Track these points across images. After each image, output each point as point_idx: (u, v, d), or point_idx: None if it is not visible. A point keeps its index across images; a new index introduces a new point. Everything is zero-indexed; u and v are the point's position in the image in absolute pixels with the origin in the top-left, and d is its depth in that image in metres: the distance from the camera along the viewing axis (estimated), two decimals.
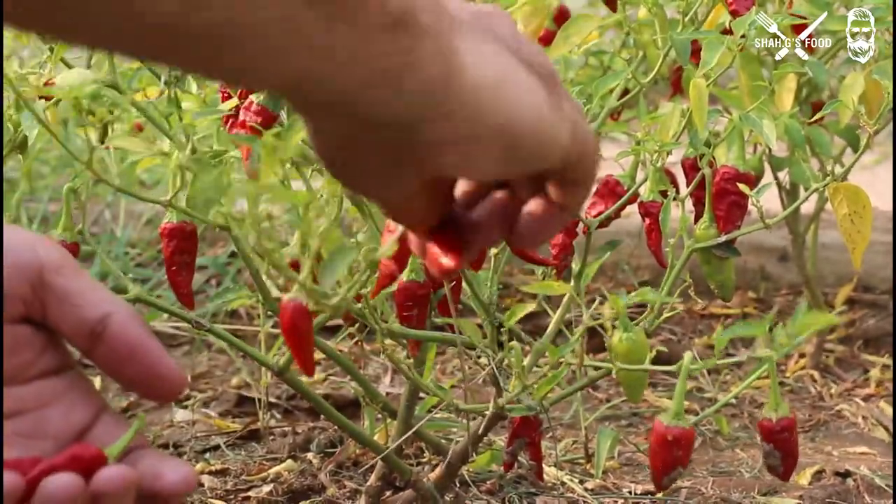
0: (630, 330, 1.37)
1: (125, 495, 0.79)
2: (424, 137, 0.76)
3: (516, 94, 0.77)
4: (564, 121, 0.80)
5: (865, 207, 1.46)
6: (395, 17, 0.71)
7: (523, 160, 0.80)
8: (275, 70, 0.70)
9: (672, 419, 1.34)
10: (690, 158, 1.48)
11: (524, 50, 0.80)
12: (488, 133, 0.76)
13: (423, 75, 0.73)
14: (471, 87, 0.75)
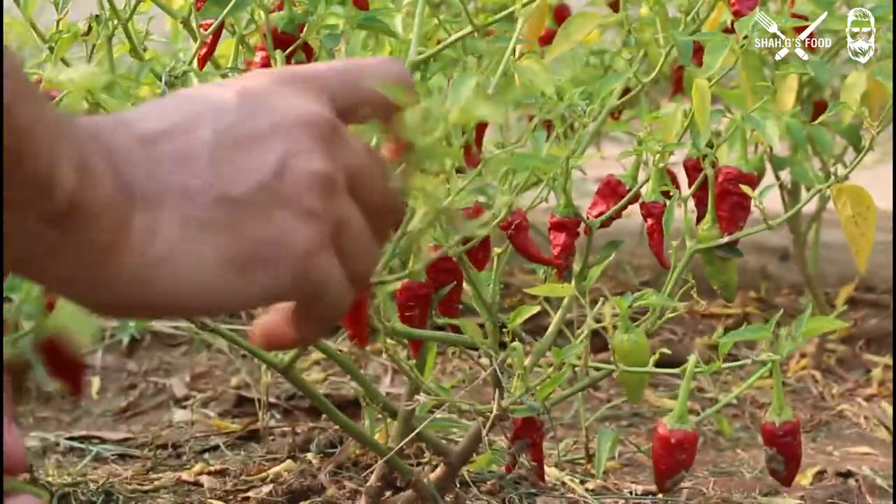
0: (631, 331, 1.37)
1: None
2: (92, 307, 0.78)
3: (187, 269, 0.76)
4: (269, 270, 0.78)
5: (869, 209, 1.45)
6: (60, 212, 0.72)
7: (190, 316, 0.82)
8: None
9: (675, 422, 1.33)
10: (692, 159, 1.48)
11: (235, 181, 0.77)
12: (142, 305, 0.77)
13: (71, 266, 0.74)
14: (136, 273, 0.75)
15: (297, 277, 0.79)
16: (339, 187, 0.80)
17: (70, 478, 1.80)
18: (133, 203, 0.75)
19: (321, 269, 0.80)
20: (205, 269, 0.77)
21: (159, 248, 0.75)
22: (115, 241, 0.74)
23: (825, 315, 1.43)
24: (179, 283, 0.76)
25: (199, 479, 1.81)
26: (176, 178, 0.76)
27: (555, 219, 1.49)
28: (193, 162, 0.77)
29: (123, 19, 1.43)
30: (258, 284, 0.78)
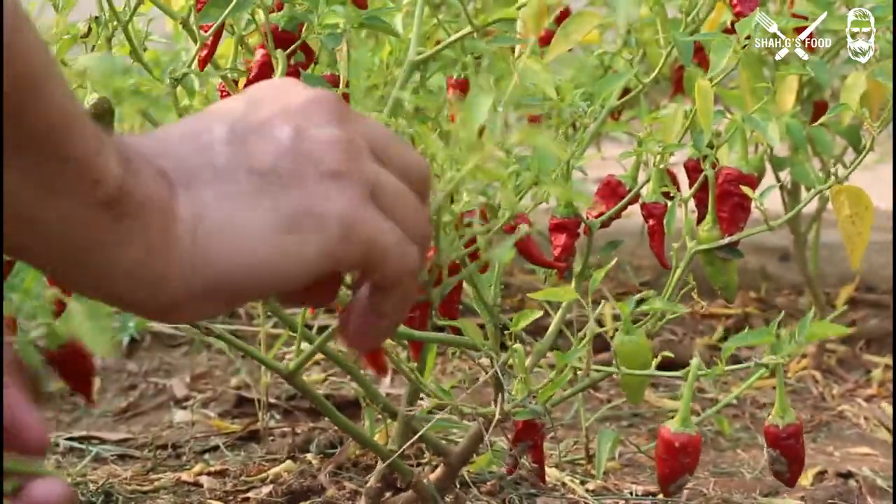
0: (632, 332, 1.37)
1: None
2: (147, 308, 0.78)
3: (239, 244, 0.77)
4: (316, 228, 0.79)
5: (867, 209, 1.45)
6: (111, 196, 0.73)
7: (260, 292, 0.80)
8: None
9: (679, 426, 1.33)
10: (693, 159, 1.48)
11: (257, 155, 0.79)
12: (210, 288, 0.77)
13: (135, 253, 0.75)
14: (189, 252, 0.76)
15: (345, 235, 0.79)
16: (360, 149, 0.82)
17: (70, 478, 1.80)
18: (172, 186, 0.76)
19: (367, 224, 0.81)
20: (258, 236, 0.78)
21: (211, 222, 0.77)
22: (168, 222, 0.76)
23: (825, 316, 1.43)
24: (238, 253, 0.77)
25: (199, 480, 1.81)
26: (203, 160, 0.78)
27: (555, 220, 1.48)
28: (215, 148, 0.79)
29: (123, 21, 1.42)
30: (311, 245, 0.79)
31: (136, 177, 0.74)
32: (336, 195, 0.80)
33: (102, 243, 0.74)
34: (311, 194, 0.79)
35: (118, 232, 0.74)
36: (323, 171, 0.80)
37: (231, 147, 0.79)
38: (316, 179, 0.79)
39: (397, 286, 0.85)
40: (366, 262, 0.82)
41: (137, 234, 0.75)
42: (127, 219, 0.74)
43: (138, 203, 0.74)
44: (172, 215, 0.76)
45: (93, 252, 0.74)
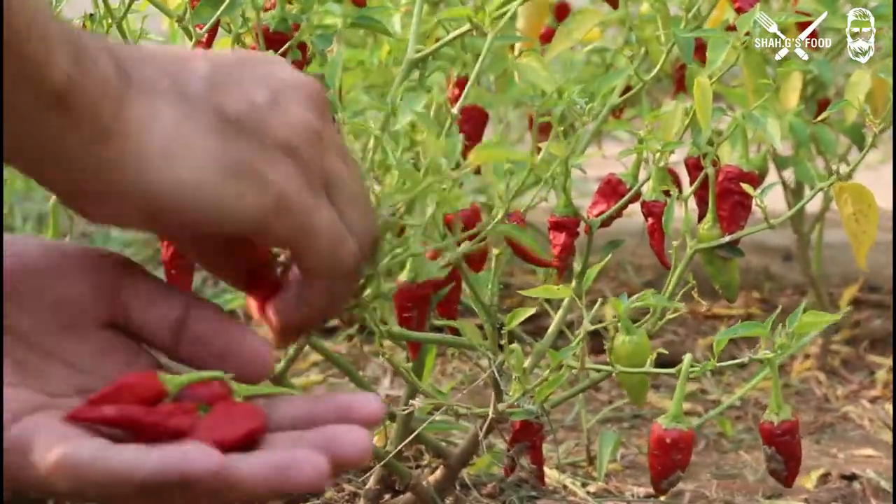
0: (632, 333, 1.36)
1: None
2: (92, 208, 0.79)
3: (184, 162, 0.77)
4: (255, 186, 0.79)
5: (870, 206, 1.44)
6: (57, 96, 0.73)
7: (183, 221, 0.79)
8: None
9: (671, 422, 1.32)
10: (694, 157, 1.47)
11: (230, 102, 0.80)
12: (140, 195, 0.78)
13: (76, 143, 0.75)
14: (133, 158, 0.77)
15: (279, 208, 0.80)
16: (326, 142, 0.83)
17: None
18: (130, 86, 0.77)
19: (304, 207, 0.81)
20: (201, 168, 0.78)
21: (159, 137, 0.77)
22: (114, 123, 0.76)
23: None
24: (177, 176, 0.77)
25: None
26: (173, 82, 0.78)
27: (554, 218, 1.47)
28: (190, 79, 0.79)
29: (118, 18, 1.41)
30: (246, 201, 0.79)
31: (89, 71, 0.75)
32: (284, 170, 0.80)
33: (51, 134, 0.75)
34: (263, 157, 0.80)
35: (67, 118, 0.74)
36: (282, 143, 0.80)
37: (205, 85, 0.79)
38: (273, 148, 0.80)
39: (326, 278, 0.85)
40: (295, 242, 0.83)
41: (86, 121, 0.75)
42: (76, 109, 0.75)
43: (90, 95, 0.75)
44: (124, 111, 0.76)
45: (41, 139, 0.75)
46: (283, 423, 0.81)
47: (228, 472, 0.73)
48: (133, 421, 0.77)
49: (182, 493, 0.73)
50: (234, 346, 0.84)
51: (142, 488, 0.73)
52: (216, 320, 0.85)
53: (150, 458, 0.73)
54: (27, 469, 0.75)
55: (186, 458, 0.72)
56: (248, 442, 0.78)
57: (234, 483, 0.74)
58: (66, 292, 0.83)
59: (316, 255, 0.84)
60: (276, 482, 0.74)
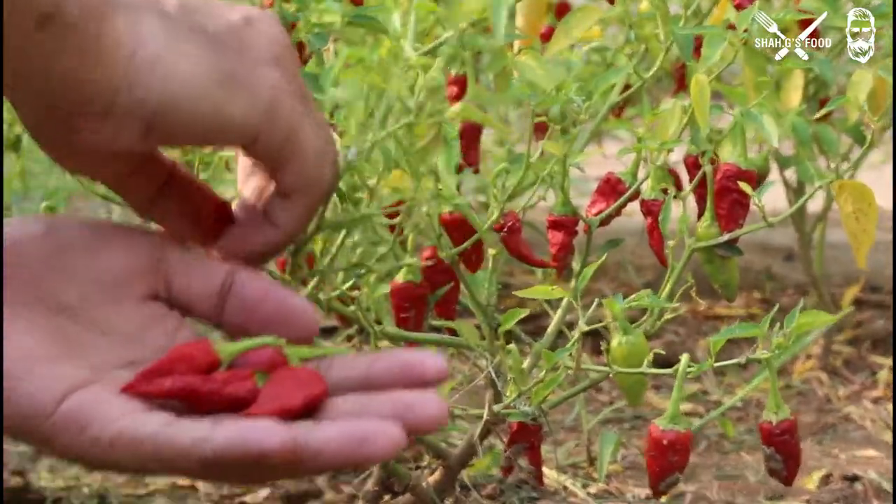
0: (629, 333, 1.35)
1: None
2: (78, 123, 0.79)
3: (176, 73, 0.78)
4: (246, 94, 0.80)
5: (871, 205, 1.43)
6: (46, 17, 0.74)
7: (175, 131, 0.80)
8: None
9: (668, 423, 1.32)
10: (693, 156, 1.46)
11: (208, 21, 0.81)
12: (140, 109, 0.78)
13: (68, 65, 0.76)
14: (123, 67, 0.77)
15: (270, 110, 0.81)
16: (298, 63, 0.85)
17: (63, 482, 1.79)
18: (114, 6, 0.77)
19: (293, 110, 0.82)
20: (193, 76, 0.79)
21: (151, 48, 0.78)
22: (102, 38, 0.76)
23: None
24: (170, 86, 0.78)
25: (195, 484, 1.80)
26: (154, 2, 0.80)
27: (552, 217, 1.47)
28: (173, 6, 0.81)
29: None
30: (238, 106, 0.80)
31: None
32: (272, 79, 0.81)
33: (45, 56, 0.75)
34: (251, 68, 0.81)
35: (57, 39, 0.75)
36: (265, 55, 0.82)
37: (180, 8, 0.81)
38: (258, 59, 0.81)
39: (304, 194, 0.85)
40: (282, 150, 0.83)
41: (75, 39, 0.75)
42: (64, 28, 0.75)
43: (76, 13, 0.75)
44: (111, 23, 0.77)
45: (37, 64, 0.76)
46: (342, 386, 0.79)
47: (298, 446, 0.72)
48: (190, 391, 0.76)
49: (252, 469, 0.72)
50: (280, 310, 0.83)
51: (209, 465, 0.72)
52: (260, 285, 0.84)
53: (218, 435, 0.71)
54: (84, 444, 0.74)
55: (255, 433, 0.71)
56: (310, 408, 0.76)
57: (306, 456, 0.72)
58: (107, 266, 0.82)
59: (301, 167, 0.84)
60: (350, 454, 0.72)
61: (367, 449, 0.72)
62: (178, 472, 0.74)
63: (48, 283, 0.81)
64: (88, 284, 0.82)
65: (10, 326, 0.77)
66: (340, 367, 0.81)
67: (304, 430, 0.73)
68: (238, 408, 0.76)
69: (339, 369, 0.81)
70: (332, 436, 0.72)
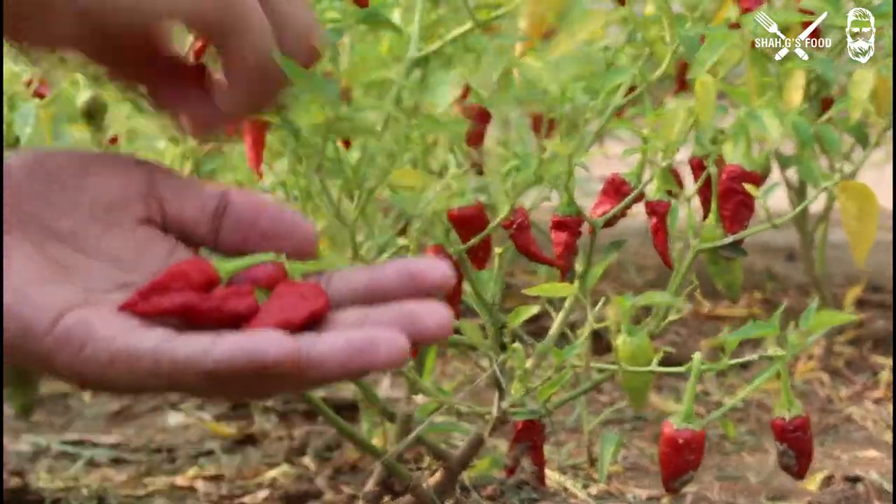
0: (634, 333, 1.35)
1: None
2: None
3: None
4: None
5: (871, 206, 1.43)
6: None
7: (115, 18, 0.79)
8: None
9: (683, 421, 1.32)
10: (697, 157, 1.46)
11: None
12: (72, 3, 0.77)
13: None
14: None
15: None
16: None
17: (62, 483, 1.79)
18: None
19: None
20: None
21: None
22: None
23: None
24: None
25: (194, 484, 1.79)
26: None
27: (557, 218, 1.47)
28: None
29: None
30: None
31: None
32: None
33: None
34: None
35: None
36: None
37: None
38: None
39: (249, 75, 0.84)
40: (222, 22, 0.81)
41: None
42: None
43: None
44: None
45: None
46: (344, 298, 0.78)
47: (302, 356, 0.71)
48: (189, 308, 0.75)
49: (254, 381, 0.71)
50: (277, 225, 0.82)
51: (210, 378, 0.71)
52: (254, 202, 0.83)
53: (218, 347, 0.70)
54: (83, 362, 0.73)
55: (258, 343, 0.70)
56: (312, 322, 0.75)
57: (308, 367, 0.71)
58: (98, 192, 0.82)
59: (244, 40, 0.82)
60: (354, 363, 0.71)
61: (371, 357, 0.71)
62: (179, 388, 0.73)
63: (40, 212, 0.80)
64: (80, 211, 0.81)
65: (4, 255, 0.77)
66: (341, 279, 0.80)
67: (307, 341, 0.72)
68: (238, 324, 0.75)
69: (340, 282, 0.80)
70: (336, 345, 0.71)
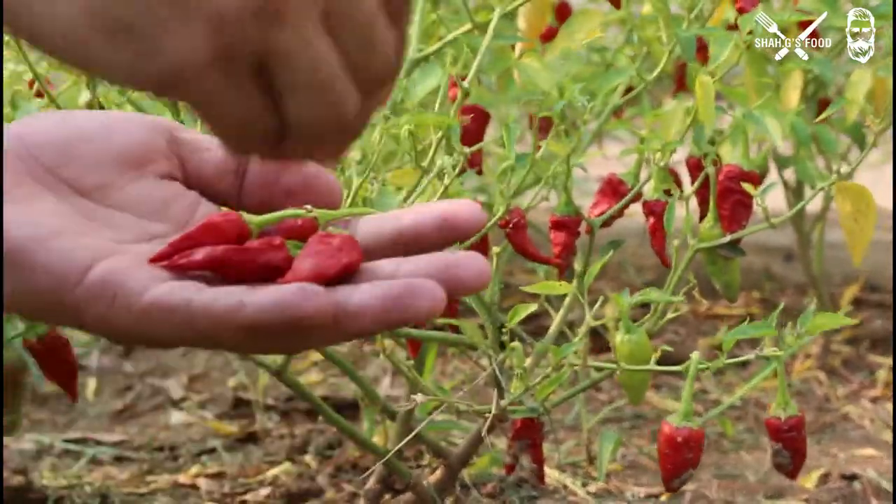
0: (632, 331, 1.35)
1: None
2: None
3: None
4: None
5: (869, 206, 1.44)
6: None
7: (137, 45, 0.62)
8: None
9: (682, 420, 1.32)
10: (695, 157, 1.46)
11: None
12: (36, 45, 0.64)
13: None
14: None
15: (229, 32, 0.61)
16: None
17: (65, 481, 1.79)
18: None
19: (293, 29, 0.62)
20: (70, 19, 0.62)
21: None
22: None
23: None
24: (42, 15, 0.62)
25: (196, 482, 1.79)
26: None
27: (555, 218, 1.47)
28: None
29: None
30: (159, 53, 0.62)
31: None
32: None
33: None
34: None
35: None
36: None
37: None
38: None
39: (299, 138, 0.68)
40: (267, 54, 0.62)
41: None
42: None
43: None
44: None
45: None
46: (375, 245, 0.77)
47: (339, 307, 0.69)
48: (222, 261, 0.73)
49: (291, 335, 0.70)
50: (300, 179, 0.81)
51: (246, 331, 0.69)
52: None
53: (254, 299, 0.68)
54: (117, 314, 0.71)
55: (294, 296, 0.68)
56: (347, 274, 0.73)
57: (345, 318, 0.69)
58: (122, 148, 0.81)
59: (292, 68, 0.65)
60: (391, 314, 0.69)
61: (408, 307, 0.69)
62: (215, 343, 0.71)
63: (66, 169, 0.79)
64: (106, 167, 0.80)
65: (31, 208, 0.75)
66: (371, 226, 0.78)
67: (343, 293, 0.70)
68: (273, 278, 0.73)
69: (370, 229, 0.78)
70: (373, 295, 0.69)
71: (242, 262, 0.74)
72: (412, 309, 0.69)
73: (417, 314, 0.69)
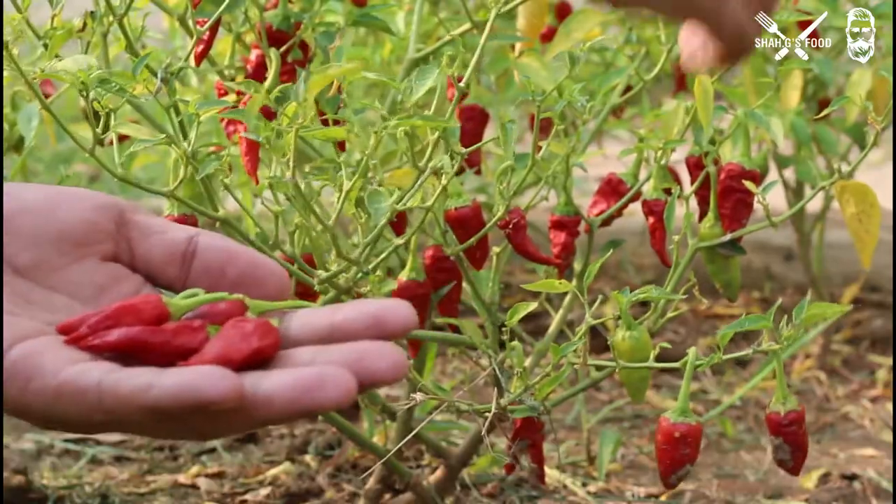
0: (633, 328, 1.35)
1: None
2: None
3: None
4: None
5: (873, 206, 1.44)
6: None
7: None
8: None
9: (679, 416, 1.32)
10: (695, 156, 1.46)
11: None
12: None
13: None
14: None
15: None
16: None
17: (65, 480, 1.79)
18: None
19: None
20: None
21: None
22: None
23: None
24: None
25: (196, 482, 1.79)
26: None
27: (555, 217, 1.47)
28: None
29: (119, 15, 1.40)
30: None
31: None
32: None
33: None
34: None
35: None
36: None
37: None
38: None
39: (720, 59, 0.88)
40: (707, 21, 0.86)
41: None
42: None
43: None
44: None
45: None
46: (305, 339, 0.77)
47: (247, 392, 0.69)
48: (138, 343, 0.74)
49: (199, 418, 0.70)
50: (249, 272, 0.81)
51: (152, 412, 0.69)
52: (224, 248, 0.82)
53: (163, 381, 0.69)
54: (31, 396, 0.72)
55: (202, 379, 0.68)
56: (260, 358, 0.74)
57: (254, 404, 0.70)
58: (64, 226, 0.81)
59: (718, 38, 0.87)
60: (301, 402, 0.69)
61: (317, 397, 0.69)
62: (125, 425, 0.71)
63: (6, 245, 0.79)
64: (45, 245, 0.80)
65: None
66: (302, 319, 0.79)
67: (253, 379, 0.70)
68: (189, 360, 0.73)
69: (302, 321, 0.78)
70: (283, 382, 0.70)
71: (158, 344, 0.74)
72: (321, 398, 0.69)
73: (327, 403, 0.69)
